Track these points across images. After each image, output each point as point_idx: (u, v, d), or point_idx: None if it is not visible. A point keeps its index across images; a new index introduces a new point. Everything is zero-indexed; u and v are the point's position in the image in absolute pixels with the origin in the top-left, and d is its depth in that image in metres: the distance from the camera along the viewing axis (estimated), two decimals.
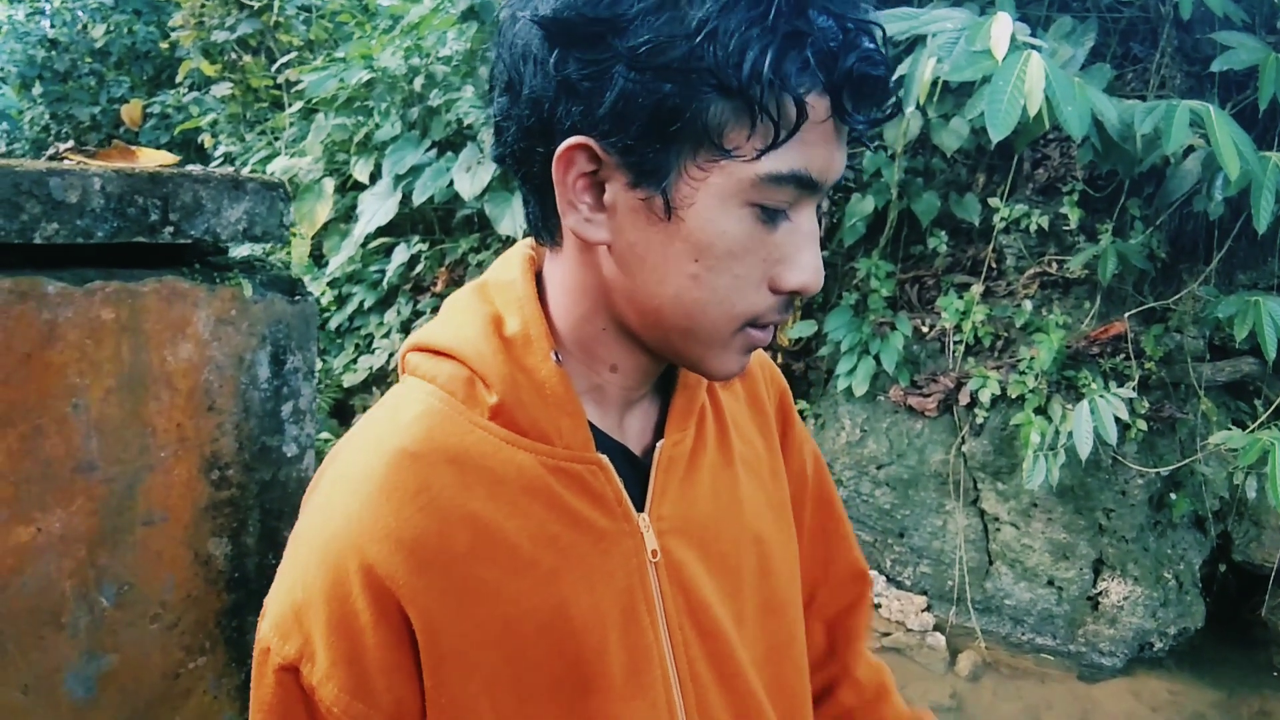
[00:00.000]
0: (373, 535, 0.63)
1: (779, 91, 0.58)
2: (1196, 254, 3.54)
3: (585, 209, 0.65)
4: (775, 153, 0.60)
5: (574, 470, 0.68)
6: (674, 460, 0.74)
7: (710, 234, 0.62)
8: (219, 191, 1.45)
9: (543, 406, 0.68)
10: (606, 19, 0.59)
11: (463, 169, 3.70)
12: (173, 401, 1.46)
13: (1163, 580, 3.39)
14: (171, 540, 1.49)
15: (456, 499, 0.65)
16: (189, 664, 1.54)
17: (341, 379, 4.16)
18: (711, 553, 0.74)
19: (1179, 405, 3.41)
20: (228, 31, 5.19)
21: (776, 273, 0.65)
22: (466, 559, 0.64)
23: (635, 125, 0.60)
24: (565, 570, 0.67)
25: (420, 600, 0.63)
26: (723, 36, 0.57)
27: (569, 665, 0.67)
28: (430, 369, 0.71)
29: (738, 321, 0.66)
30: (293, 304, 1.57)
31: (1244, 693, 3.27)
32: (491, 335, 0.69)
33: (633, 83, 0.59)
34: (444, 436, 0.67)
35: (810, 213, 0.66)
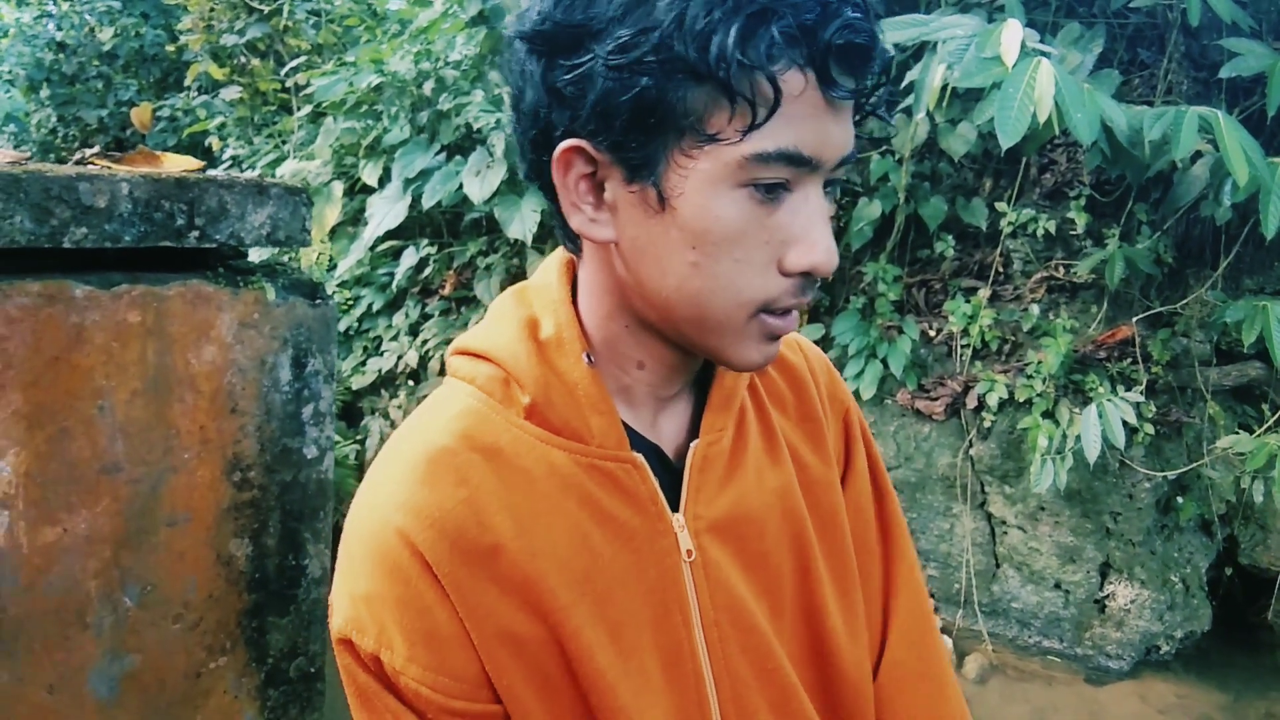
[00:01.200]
0: (419, 523, 0.66)
1: (750, 71, 0.58)
2: (1204, 259, 3.55)
3: (589, 209, 0.67)
4: (760, 132, 0.60)
5: (608, 469, 0.70)
6: (710, 459, 0.74)
7: (705, 220, 0.62)
8: (243, 196, 1.47)
9: (575, 406, 0.69)
10: (582, 24, 0.61)
11: (472, 173, 3.71)
12: (196, 404, 1.48)
13: (1169, 584, 3.39)
14: (194, 541, 1.51)
15: (495, 493, 0.67)
16: (210, 664, 1.55)
17: (350, 381, 4.17)
18: (750, 550, 0.74)
19: (1186, 409, 3.42)
20: (236, 35, 5.21)
21: (784, 254, 0.64)
22: (505, 549, 0.67)
23: (619, 121, 0.61)
24: (598, 570, 0.69)
25: (464, 589, 0.66)
26: (689, 23, 0.58)
27: (605, 662, 0.68)
28: (470, 370, 0.73)
29: (748, 308, 0.65)
30: (314, 307, 1.59)
31: (1250, 696, 3.27)
32: (526, 338, 0.71)
33: (611, 80, 0.60)
34: (481, 434, 0.69)
35: (815, 190, 0.64)
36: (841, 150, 0.64)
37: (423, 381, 4.07)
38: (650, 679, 0.70)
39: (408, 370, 4.10)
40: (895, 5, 3.72)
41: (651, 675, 0.70)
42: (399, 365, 4.10)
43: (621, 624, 0.69)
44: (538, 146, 0.67)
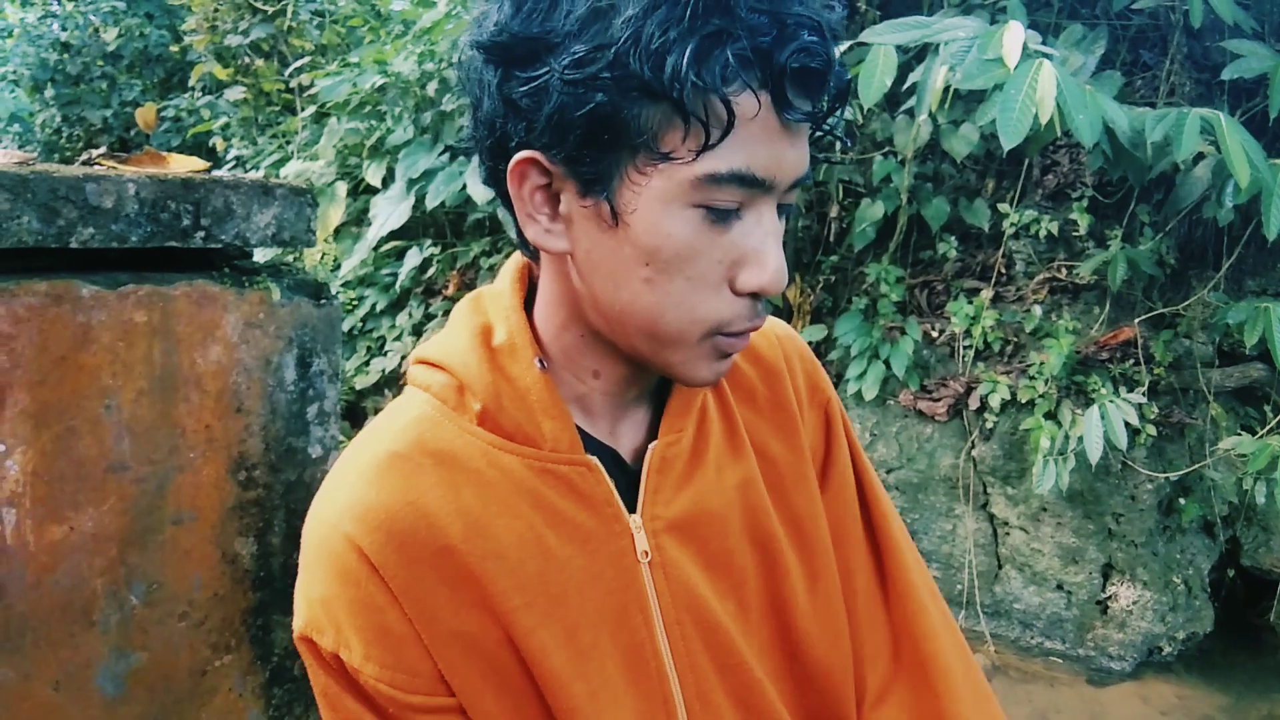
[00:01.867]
0: (365, 527, 0.67)
1: (704, 92, 0.58)
2: (1206, 260, 3.55)
3: (544, 220, 0.67)
4: (713, 153, 0.60)
5: (561, 472, 0.70)
6: (668, 460, 0.74)
7: (657, 237, 0.62)
8: (249, 197, 1.47)
9: (526, 411, 0.70)
10: (539, 36, 0.61)
11: (475, 173, 3.72)
12: (202, 403, 1.49)
13: (1172, 585, 3.40)
14: (200, 539, 1.52)
15: (445, 497, 0.68)
16: (215, 662, 1.56)
17: (354, 381, 4.19)
18: (711, 549, 0.75)
19: (1188, 411, 3.42)
20: (240, 36, 5.23)
21: (735, 274, 0.65)
22: (458, 551, 0.67)
23: (573, 136, 0.61)
24: (553, 571, 0.69)
25: (412, 591, 0.66)
26: (645, 41, 0.57)
27: (559, 662, 0.68)
28: (425, 379, 0.74)
29: (701, 327, 0.65)
30: (318, 307, 1.59)
31: (1252, 697, 3.28)
32: (478, 346, 0.72)
33: (567, 95, 0.60)
34: (433, 440, 0.70)
35: (768, 211, 0.64)
36: (795, 172, 0.64)
37: None
38: (609, 679, 0.70)
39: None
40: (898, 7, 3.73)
41: (610, 676, 0.70)
42: (402, 365, 4.11)
43: (578, 626, 0.69)
44: (494, 155, 0.68)
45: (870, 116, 3.73)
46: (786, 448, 0.82)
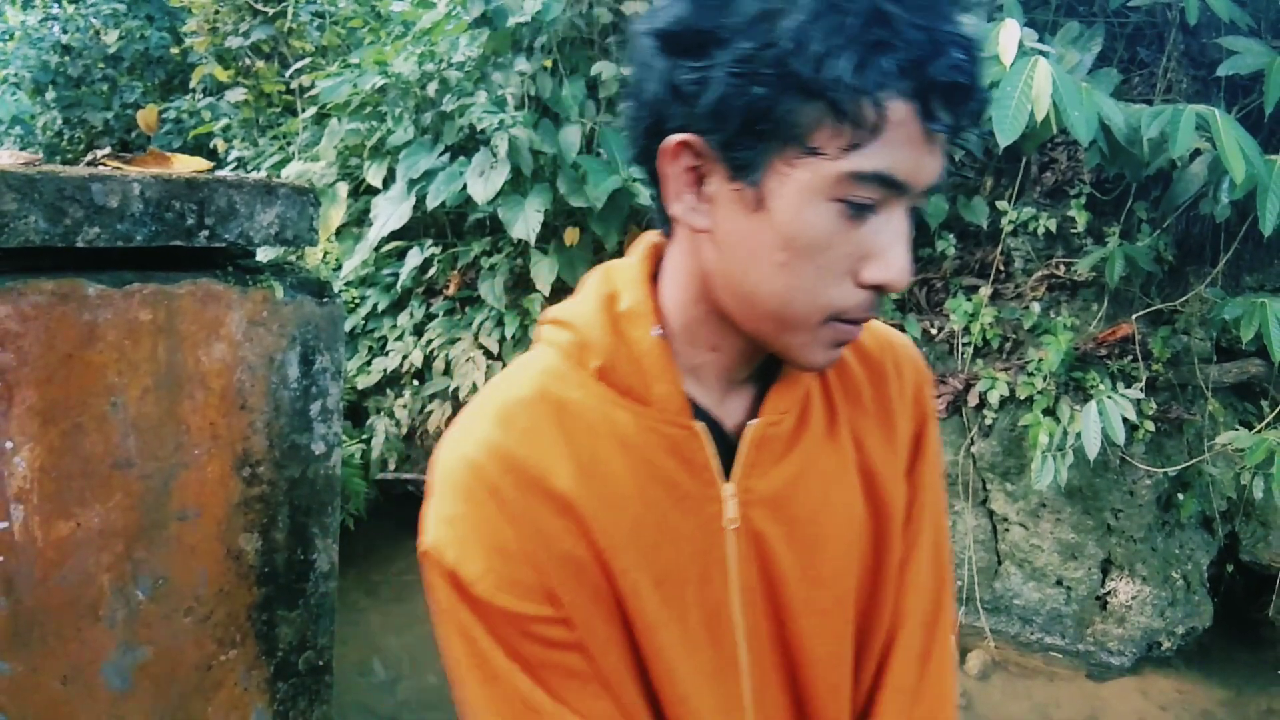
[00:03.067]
0: (490, 457, 0.73)
1: (859, 96, 0.62)
2: (1203, 256, 3.57)
3: (690, 199, 0.72)
4: (860, 152, 0.64)
5: (667, 432, 0.75)
6: (768, 439, 0.78)
7: (796, 226, 0.67)
8: (252, 196, 1.49)
9: (639, 373, 0.76)
10: (710, 30, 0.66)
11: (475, 173, 3.74)
12: (206, 400, 1.50)
13: (1171, 580, 3.41)
14: (205, 535, 1.54)
15: (560, 441, 0.74)
16: (220, 656, 1.58)
17: (355, 381, 4.20)
18: (794, 528, 0.79)
19: (1186, 406, 3.43)
20: (241, 37, 5.24)
21: (861, 267, 0.69)
22: (565, 490, 0.73)
23: (731, 124, 0.66)
24: (650, 522, 0.75)
25: (528, 515, 0.73)
26: (810, 45, 0.62)
27: (646, 608, 0.75)
28: (552, 336, 0.81)
29: (823, 313, 0.70)
30: (321, 305, 1.61)
31: (1251, 692, 3.29)
32: (603, 310, 0.78)
33: (730, 86, 0.65)
34: (555, 391, 0.76)
35: (900, 213, 0.68)
36: (931, 178, 0.68)
37: (427, 381, 4.10)
38: (690, 631, 0.76)
39: (412, 370, 4.13)
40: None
41: (692, 628, 0.76)
42: (404, 365, 4.13)
43: (667, 575, 0.75)
44: (649, 135, 0.73)
45: None
46: (884, 446, 0.86)
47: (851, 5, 0.62)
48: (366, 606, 3.59)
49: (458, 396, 3.94)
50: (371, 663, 3.24)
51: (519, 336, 4.00)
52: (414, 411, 4.10)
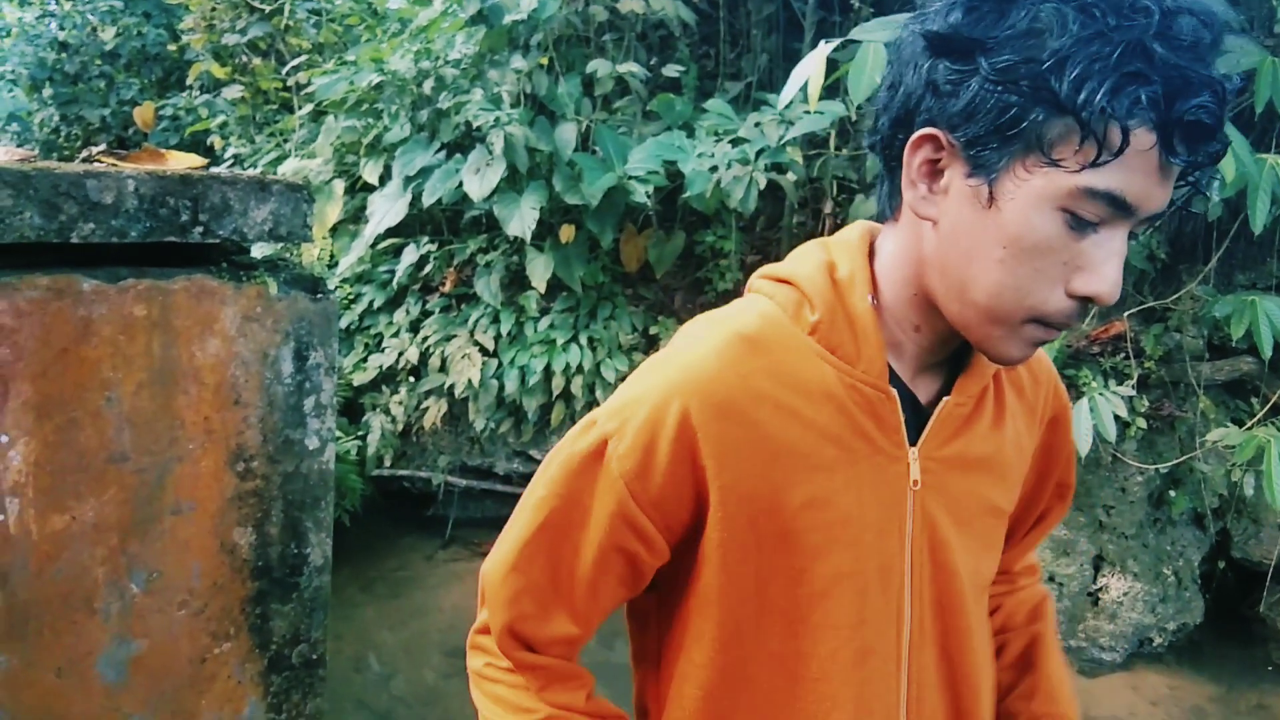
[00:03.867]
0: (697, 386, 0.80)
1: (1108, 119, 0.67)
2: (1195, 254, 3.58)
3: (924, 188, 0.78)
4: (1097, 170, 0.69)
5: (867, 393, 0.82)
6: (951, 417, 0.86)
7: (1022, 227, 0.72)
8: (246, 193, 1.50)
9: (851, 335, 0.82)
10: (978, 39, 0.71)
11: (471, 170, 3.75)
12: (200, 395, 1.52)
13: (1162, 576, 3.43)
14: (199, 529, 1.55)
15: (769, 381, 0.81)
16: (214, 649, 1.59)
17: (351, 377, 4.21)
18: (959, 505, 0.87)
19: (1178, 403, 3.45)
20: (238, 35, 5.24)
21: (1074, 277, 0.73)
22: (764, 422, 0.80)
23: (980, 124, 0.72)
24: (843, 467, 0.82)
25: (715, 442, 0.80)
26: (1070, 66, 0.67)
27: (821, 541, 0.82)
28: (770, 290, 0.87)
29: (1029, 313, 0.75)
30: (315, 301, 1.62)
31: (1242, 687, 3.31)
32: (825, 273, 0.84)
33: (986, 91, 0.71)
34: (772, 335, 0.83)
35: (1120, 233, 0.72)
36: (1157, 207, 0.72)
37: (423, 378, 4.11)
38: (864, 575, 0.83)
39: (409, 366, 4.14)
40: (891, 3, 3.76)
41: (867, 575, 0.83)
42: (400, 361, 4.14)
43: (849, 519, 0.82)
44: (896, 125, 0.79)
45: (863, 113, 3.76)
46: (1027, 430, 0.96)
47: (1117, 35, 0.67)
48: (362, 602, 3.60)
49: (453, 393, 3.96)
50: (367, 658, 3.25)
51: (514, 333, 4.01)
52: (410, 408, 4.11)
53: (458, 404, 4.07)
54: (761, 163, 3.42)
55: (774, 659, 0.84)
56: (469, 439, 4.21)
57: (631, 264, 4.18)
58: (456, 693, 3.09)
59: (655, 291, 4.32)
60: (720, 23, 4.43)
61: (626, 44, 4.22)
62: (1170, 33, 0.67)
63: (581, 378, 3.87)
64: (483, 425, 4.03)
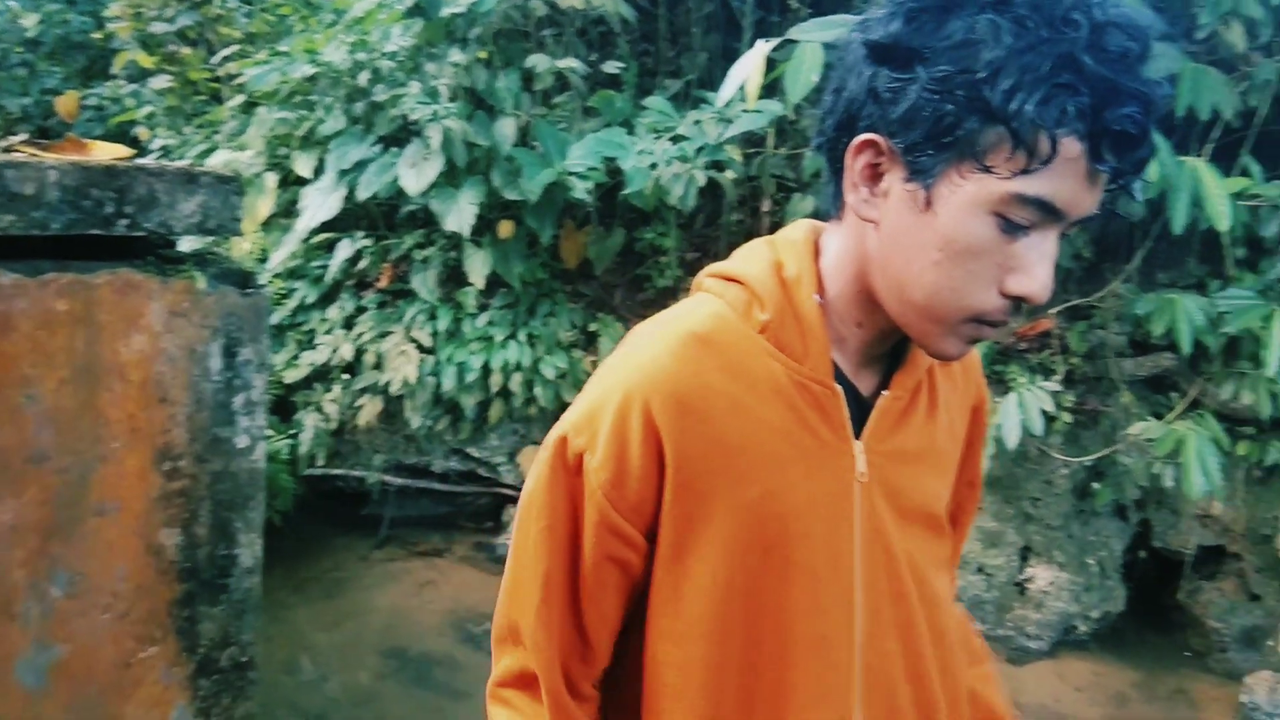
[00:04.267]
0: (655, 385, 0.83)
1: (1038, 129, 0.70)
2: (1119, 254, 3.69)
3: (865, 191, 0.81)
4: (1028, 177, 0.72)
5: (814, 390, 0.86)
6: (890, 411, 0.89)
7: (957, 230, 0.75)
8: (173, 185, 1.47)
9: (799, 333, 0.85)
10: (916, 48, 0.74)
11: (408, 164, 3.70)
12: (125, 393, 1.48)
13: (1086, 566, 3.53)
14: (123, 530, 1.51)
15: (722, 378, 0.84)
16: (140, 653, 1.55)
17: (283, 375, 4.13)
18: (903, 496, 0.90)
19: (1102, 398, 3.55)
20: (166, 23, 5.10)
21: (1007, 278, 0.76)
22: (719, 419, 0.83)
23: (917, 131, 0.75)
24: (793, 461, 0.85)
25: (676, 438, 0.83)
26: (1003, 77, 0.70)
27: (776, 533, 0.85)
28: (720, 289, 0.89)
29: (965, 313, 0.78)
30: (245, 296, 1.59)
31: (1162, 673, 3.42)
32: (773, 273, 0.87)
33: (923, 99, 0.74)
34: (723, 333, 0.86)
35: (1051, 236, 0.75)
36: (1086, 211, 0.75)
37: (358, 375, 4.05)
38: (815, 565, 0.85)
39: (343, 364, 4.08)
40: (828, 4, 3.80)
41: (817, 564, 0.86)
42: (334, 359, 4.07)
43: (800, 510, 0.85)
44: (840, 128, 0.82)
45: (801, 112, 3.80)
46: (960, 421, 1.00)
47: (1048, 48, 0.70)
48: (294, 604, 3.54)
49: (389, 391, 3.91)
50: (299, 660, 3.20)
51: (452, 330, 3.98)
52: (344, 406, 4.05)
53: (393, 402, 4.02)
54: (701, 160, 3.43)
55: (733, 649, 0.86)
56: (405, 437, 4.16)
57: (571, 260, 4.17)
58: (392, 693, 3.06)
59: (595, 288, 4.32)
60: (660, 20, 4.44)
61: (566, 40, 4.21)
62: (1100, 45, 0.70)
63: (520, 375, 3.85)
64: (419, 423, 3.99)
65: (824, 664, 0.87)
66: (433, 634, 3.41)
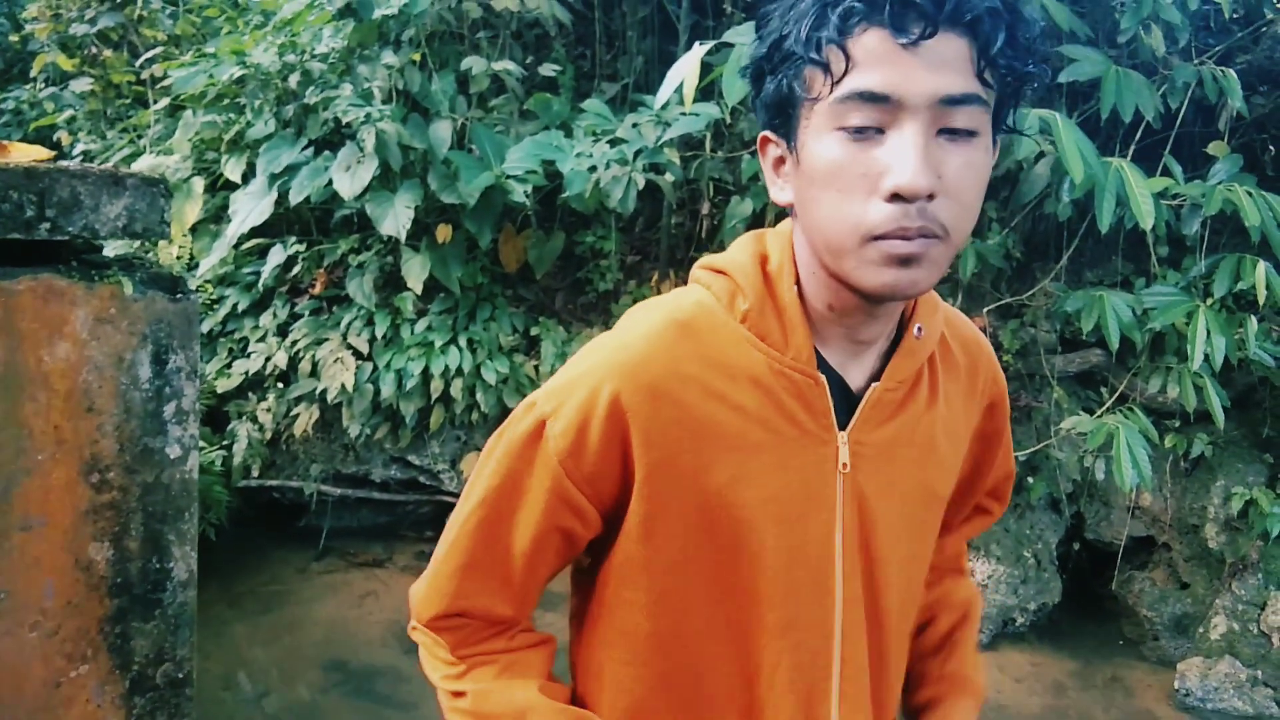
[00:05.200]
0: (629, 368, 0.85)
1: (827, 44, 0.76)
2: (1048, 253, 3.78)
3: (779, 181, 0.87)
4: (842, 83, 0.76)
5: (796, 379, 0.87)
6: (882, 402, 0.90)
7: (814, 161, 0.79)
8: (98, 187, 1.42)
9: (779, 323, 0.87)
10: (758, 56, 0.84)
11: (341, 168, 3.64)
12: (50, 403, 1.42)
13: (1023, 559, 3.60)
14: (51, 545, 1.45)
15: (695, 365, 0.86)
16: (70, 672, 1.49)
17: (214, 384, 4.03)
18: (892, 489, 0.91)
19: (1034, 394, 3.63)
20: (87, 25, 4.95)
21: (879, 183, 0.76)
22: (691, 403, 0.85)
23: (771, 108, 0.83)
24: (770, 448, 0.86)
25: (645, 420, 0.84)
26: (787, 28, 0.79)
27: (745, 518, 0.86)
28: (707, 280, 0.92)
29: (857, 233, 0.78)
30: (174, 302, 1.54)
31: (1098, 662, 3.51)
32: (757, 265, 0.90)
33: (768, 85, 0.82)
34: (704, 322, 0.88)
35: (910, 128, 0.75)
36: (929, 88, 0.75)
37: (293, 384, 3.97)
38: (795, 550, 0.86)
39: (276, 372, 3.99)
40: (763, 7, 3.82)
41: (786, 549, 0.86)
42: (267, 367, 3.99)
43: (778, 497, 0.86)
44: None
45: (737, 116, 3.82)
46: (965, 410, 1.00)
47: None
48: (230, 619, 3.45)
49: (326, 399, 3.84)
50: (236, 676, 3.12)
51: (390, 336, 3.92)
52: (279, 415, 3.96)
53: (330, 410, 3.94)
54: (640, 163, 3.43)
55: (701, 628, 0.88)
56: (343, 446, 4.09)
57: (511, 264, 4.14)
58: (334, 708, 3.00)
59: (536, 292, 4.29)
60: (596, 24, 4.43)
61: (501, 42, 4.18)
62: None
63: (461, 380, 3.80)
64: (358, 431, 3.92)
65: (796, 651, 0.88)
66: (375, 645, 3.35)
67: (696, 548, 0.87)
